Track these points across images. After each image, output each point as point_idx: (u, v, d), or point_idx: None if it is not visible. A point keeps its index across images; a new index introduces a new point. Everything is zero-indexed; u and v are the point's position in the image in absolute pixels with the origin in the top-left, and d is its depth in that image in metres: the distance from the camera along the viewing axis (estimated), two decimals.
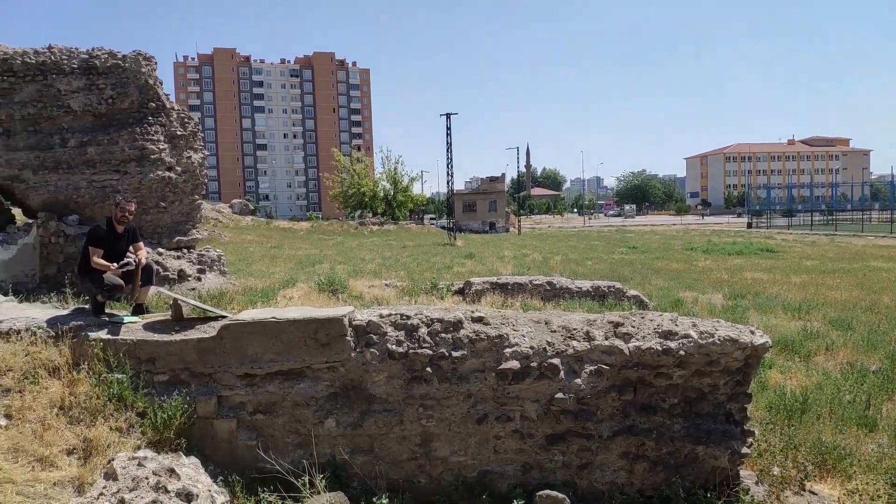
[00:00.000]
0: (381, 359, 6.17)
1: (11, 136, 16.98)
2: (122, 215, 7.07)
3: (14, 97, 17.00)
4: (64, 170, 17.31)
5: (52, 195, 17.31)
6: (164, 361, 6.14)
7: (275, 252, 31.62)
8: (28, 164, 17.01)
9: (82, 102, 17.53)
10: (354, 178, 70.23)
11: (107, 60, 17.92)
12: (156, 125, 18.49)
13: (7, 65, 16.98)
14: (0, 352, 5.98)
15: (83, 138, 17.58)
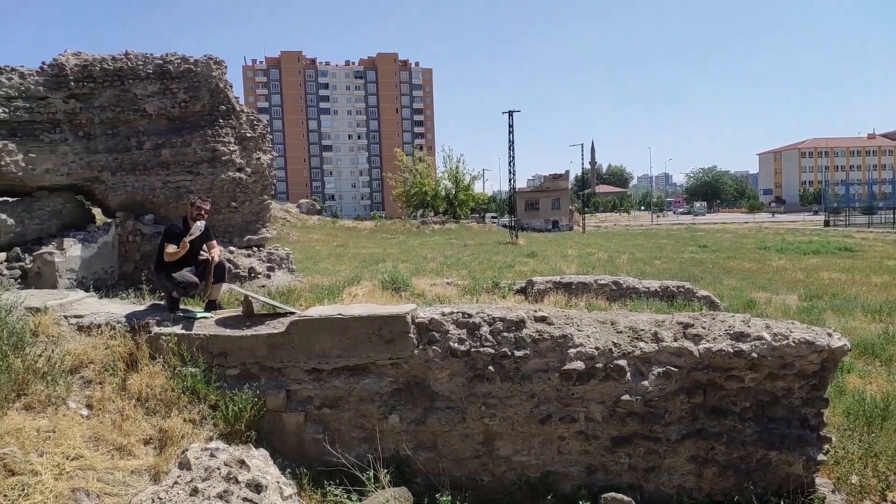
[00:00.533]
0: (444, 356, 6.20)
1: (91, 139, 17.86)
2: (197, 213, 7.33)
3: (94, 102, 17.87)
4: (140, 171, 18.09)
5: (130, 195, 18.12)
6: (235, 356, 6.36)
7: (340, 251, 32.22)
8: (107, 165, 17.85)
9: (157, 106, 18.27)
10: (416, 177, 70.75)
11: (179, 65, 18.62)
12: (226, 127, 19.10)
13: (87, 71, 17.86)
14: (82, 345, 6.30)
15: (158, 141, 18.33)
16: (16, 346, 5.57)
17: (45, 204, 16.99)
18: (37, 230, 16.42)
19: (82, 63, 17.92)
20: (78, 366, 6.03)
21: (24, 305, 6.51)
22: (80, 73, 17.76)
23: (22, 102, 16.90)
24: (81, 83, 17.75)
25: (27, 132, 16.96)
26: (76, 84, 17.64)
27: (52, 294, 8.14)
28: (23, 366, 5.38)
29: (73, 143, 17.46)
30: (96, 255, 16.50)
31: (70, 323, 6.66)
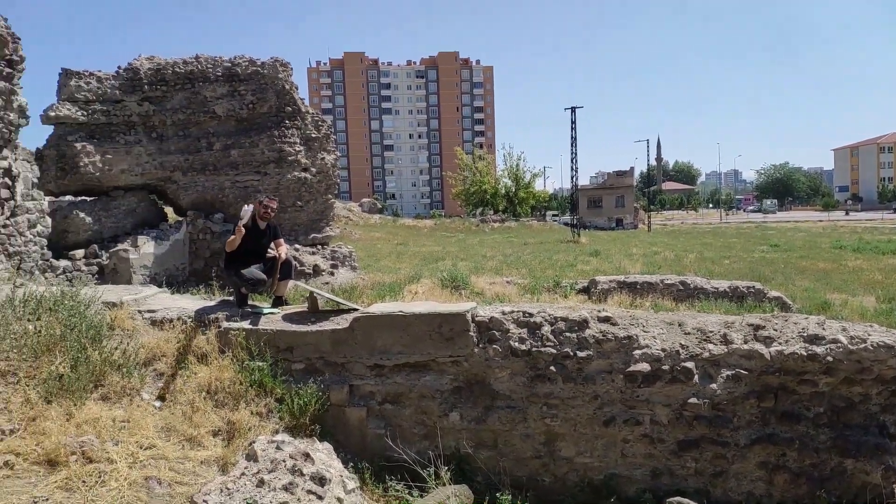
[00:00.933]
0: (504, 355, 6.19)
1: (164, 140, 18.57)
2: (264, 211, 7.53)
3: (166, 104, 18.58)
4: (210, 171, 18.71)
5: (200, 195, 18.77)
6: (300, 351, 6.51)
7: (400, 249, 32.54)
8: (178, 166, 18.54)
9: (226, 108, 18.86)
10: (476, 175, 70.71)
11: (247, 67, 19.16)
12: (292, 128, 19.55)
13: (160, 74, 18.58)
14: (155, 339, 6.57)
15: (227, 142, 18.92)
16: (94, 339, 5.84)
17: (121, 203, 17.76)
18: (113, 228, 17.19)
19: (155, 67, 18.64)
20: (151, 358, 6.28)
21: (101, 300, 6.82)
22: (154, 77, 18.48)
23: (99, 106, 17.71)
24: (154, 86, 18.47)
25: (104, 134, 17.77)
26: (150, 87, 18.37)
27: (128, 289, 8.51)
28: (100, 358, 5.64)
29: (146, 144, 18.20)
30: (168, 253, 17.15)
31: (144, 317, 6.95)
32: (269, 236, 7.67)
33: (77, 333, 5.72)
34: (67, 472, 4.35)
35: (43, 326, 5.71)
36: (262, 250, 7.60)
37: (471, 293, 13.74)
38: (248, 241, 7.32)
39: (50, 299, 6.19)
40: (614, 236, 48.26)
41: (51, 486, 4.18)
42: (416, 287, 14.37)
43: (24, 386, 5.08)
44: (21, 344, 5.48)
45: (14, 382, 5.14)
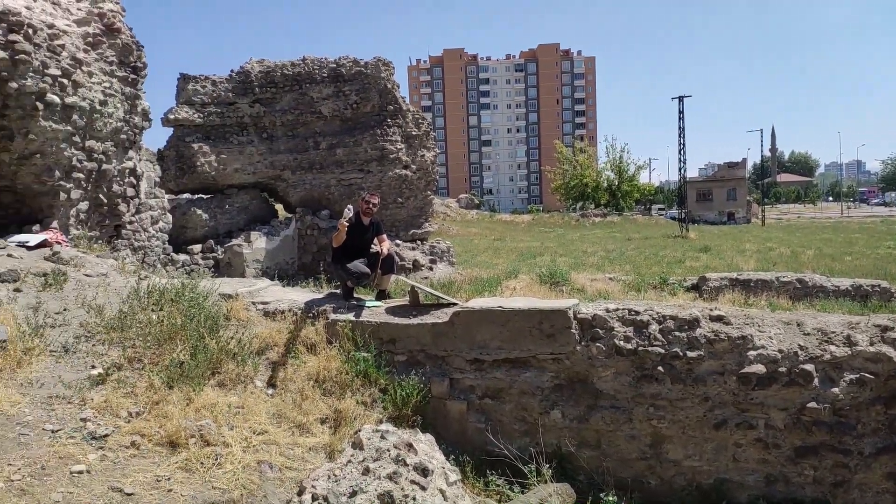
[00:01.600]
0: (608, 354, 6.06)
1: (274, 140, 19.44)
2: (367, 207, 7.74)
3: (275, 106, 19.43)
4: (317, 170, 19.42)
5: (308, 192, 19.53)
6: (402, 343, 6.64)
7: (498, 244, 32.50)
8: (287, 165, 19.36)
9: (331, 108, 19.50)
10: (577, 168, 69.44)
11: (351, 68, 19.72)
12: (394, 126, 19.96)
13: (269, 77, 19.44)
14: (268, 329, 6.88)
15: (332, 141, 19.58)
16: (211, 329, 6.20)
17: (235, 200, 18.75)
18: (227, 224, 18.18)
19: (265, 70, 19.52)
20: (264, 348, 6.59)
21: (218, 292, 7.23)
22: (264, 79, 19.37)
23: (214, 108, 18.77)
24: (265, 88, 19.36)
25: (218, 135, 18.81)
26: (260, 90, 19.27)
27: (242, 282, 8.96)
28: (217, 347, 5.97)
29: (258, 144, 19.12)
30: (279, 247, 17.95)
31: (257, 308, 7.30)
32: (373, 232, 7.87)
33: (196, 323, 6.08)
34: (187, 453, 4.63)
35: (165, 316, 6.11)
36: (366, 245, 7.81)
37: (571, 290, 13.54)
38: (352, 236, 7.56)
39: (171, 291, 6.61)
40: (725, 231, 46.15)
41: (172, 466, 4.47)
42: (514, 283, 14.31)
43: (149, 372, 5.45)
44: (146, 332, 5.89)
45: (140, 368, 5.53)
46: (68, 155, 9.63)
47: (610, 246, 30.19)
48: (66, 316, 6.02)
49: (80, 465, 4.19)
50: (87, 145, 10.04)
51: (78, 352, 5.56)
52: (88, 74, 10.01)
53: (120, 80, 10.83)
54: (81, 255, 7.97)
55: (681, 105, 46.56)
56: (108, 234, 10.92)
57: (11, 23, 8.66)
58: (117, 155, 10.83)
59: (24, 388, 4.87)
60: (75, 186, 9.85)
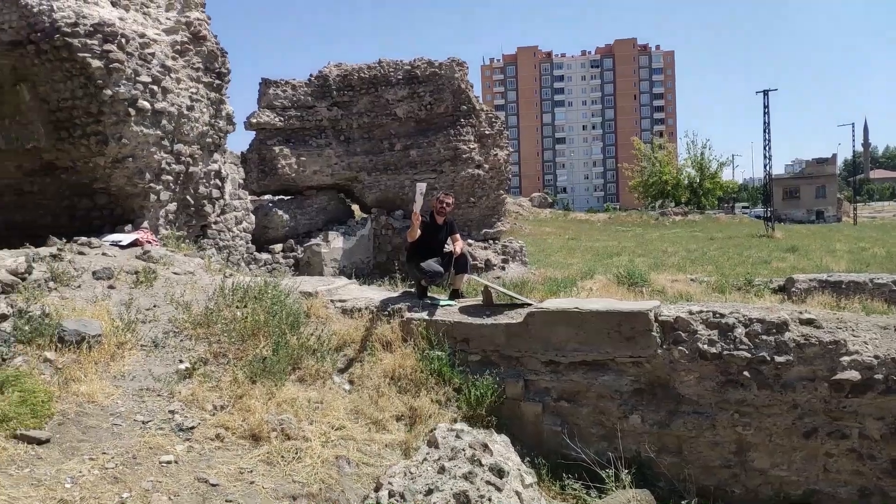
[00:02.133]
0: (691, 358, 5.87)
1: (351, 142, 19.82)
2: (441, 207, 7.78)
3: (352, 108, 19.80)
4: (391, 171, 19.69)
5: (383, 193, 19.82)
6: (476, 342, 6.63)
7: (572, 244, 32.07)
8: (363, 166, 19.70)
9: (405, 110, 19.72)
10: (656, 166, 67.60)
11: (425, 70, 19.87)
12: (467, 126, 20.00)
13: (347, 80, 19.83)
14: (345, 326, 7.02)
15: (406, 142, 19.79)
16: (292, 326, 6.37)
17: (313, 202, 19.24)
18: (306, 224, 18.66)
19: (343, 73, 19.94)
20: (342, 345, 6.72)
21: (298, 290, 7.42)
22: (341, 83, 19.78)
23: (294, 112, 19.30)
24: (342, 92, 19.76)
25: (298, 138, 19.33)
26: (338, 93, 19.69)
27: (321, 280, 9.17)
28: (298, 343, 6.14)
29: (335, 146, 19.54)
30: (355, 247, 18.30)
31: (336, 306, 7.45)
32: (446, 231, 7.90)
33: (278, 320, 6.26)
34: (269, 446, 4.77)
35: (249, 313, 6.32)
36: (440, 245, 7.84)
37: (650, 291, 13.22)
38: (426, 235, 7.61)
39: (255, 289, 6.83)
40: (814, 230, 44.00)
41: (254, 459, 4.61)
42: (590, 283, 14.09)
43: (233, 366, 5.65)
44: (230, 328, 6.11)
45: (224, 363, 5.74)
46: (158, 158, 10.10)
47: (691, 245, 29.28)
48: (155, 312, 6.32)
49: (168, 456, 4.38)
50: (176, 149, 10.51)
51: (167, 346, 5.82)
52: (176, 81, 10.48)
53: (205, 85, 11.28)
54: (170, 253, 8.34)
55: (766, 99, 44.72)
56: (195, 234, 11.39)
57: (106, 33, 9.16)
58: (203, 158, 11.28)
59: (117, 381, 5.14)
60: (164, 188, 10.32)
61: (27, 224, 10.30)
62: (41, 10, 9.04)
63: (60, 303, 5.88)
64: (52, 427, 4.37)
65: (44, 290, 6.05)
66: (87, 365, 5.12)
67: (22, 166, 10.15)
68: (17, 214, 10.44)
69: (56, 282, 6.31)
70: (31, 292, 5.83)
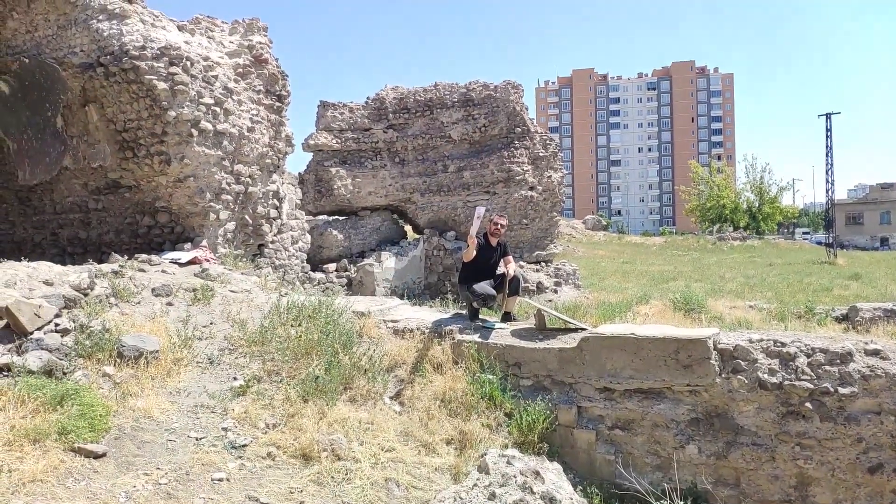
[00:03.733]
0: (750, 388, 5.66)
1: (405, 164, 20.02)
2: (494, 228, 7.77)
3: (407, 131, 20.03)
4: (445, 192, 19.77)
5: (435, 214, 19.91)
6: (528, 367, 6.54)
7: (626, 267, 31.51)
8: (417, 188, 19.85)
9: (460, 132, 19.83)
10: (713, 189, 66.22)
11: (481, 92, 19.98)
12: (521, 148, 19.98)
13: (403, 103, 20.09)
14: (397, 347, 7.01)
15: (460, 164, 19.87)
16: (345, 345, 6.40)
17: (367, 222, 19.45)
18: (360, 245, 18.86)
19: (399, 96, 20.22)
20: (393, 365, 6.72)
21: (351, 309, 7.47)
22: (397, 105, 20.05)
23: (350, 133, 19.64)
24: (398, 114, 20.02)
25: (354, 160, 19.64)
26: (394, 115, 19.96)
27: (374, 300, 9.23)
28: (350, 363, 6.15)
29: (390, 168, 19.77)
30: (407, 267, 18.38)
31: (387, 326, 7.47)
32: (499, 253, 7.87)
33: (331, 339, 6.31)
34: (319, 467, 4.77)
35: (303, 332, 6.38)
36: (493, 267, 7.81)
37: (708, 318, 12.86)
38: (479, 257, 7.59)
39: (309, 308, 6.91)
40: (878, 257, 42.15)
41: (304, 479, 4.61)
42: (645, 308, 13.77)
43: (286, 385, 5.69)
44: (284, 347, 6.17)
45: (277, 381, 5.79)
46: (218, 178, 10.38)
47: (750, 271, 28.43)
48: (212, 329, 6.44)
49: (220, 473, 4.42)
50: (236, 169, 10.79)
51: (222, 363, 5.91)
52: (238, 103, 10.79)
53: (266, 107, 11.58)
54: (227, 272, 8.52)
55: (828, 122, 43.30)
56: (252, 253, 11.64)
57: (172, 56, 9.51)
58: (262, 178, 11.56)
59: (172, 397, 5.24)
60: (224, 207, 10.59)
61: (91, 240, 10.72)
62: (111, 34, 9.45)
63: (120, 318, 6.05)
64: (108, 441, 4.46)
65: (105, 305, 6.23)
66: (144, 380, 5.24)
67: (88, 184, 10.57)
68: (82, 231, 10.86)
69: (117, 297, 6.50)
70: (92, 307, 6.00)
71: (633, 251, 45.44)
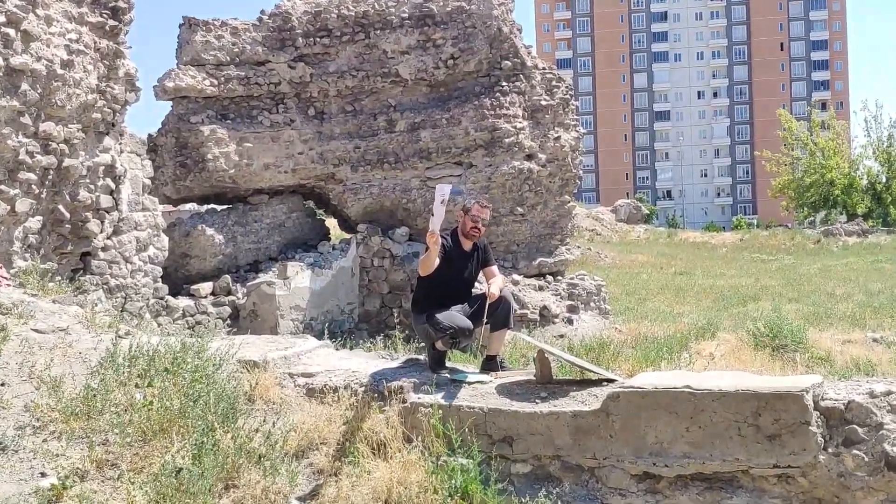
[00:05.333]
0: (874, 468, 5.78)
1: (325, 120, 19.88)
2: (472, 226, 7.74)
3: (328, 66, 19.93)
4: (390, 164, 19.67)
5: (375, 200, 19.81)
6: (524, 443, 6.57)
7: (681, 281, 31.89)
8: (345, 157, 19.73)
9: (414, 67, 19.82)
10: (816, 156, 67.29)
11: (446, 4, 19.95)
12: (511, 94, 20.02)
13: (319, 21, 19.97)
14: (312, 417, 6.98)
15: (414, 119, 19.83)
16: (225, 417, 6.33)
17: (264, 214, 19.26)
18: (252, 251, 18.68)
19: (313, 11, 20.10)
20: (306, 447, 6.68)
21: (237, 358, 7.40)
22: (311, 26, 19.93)
23: (234, 71, 19.44)
24: (312, 39, 19.88)
25: (241, 112, 19.44)
26: (305, 41, 19.83)
27: (274, 341, 9.14)
28: (234, 445, 6.09)
29: (300, 125, 19.63)
30: (330, 287, 18.28)
31: (297, 384, 7.43)
32: (477, 262, 7.87)
33: (202, 407, 6.25)
34: None
35: (155, 396, 6.31)
36: (467, 283, 7.82)
37: (809, 359, 13.09)
38: (445, 268, 7.55)
39: (166, 356, 6.83)
40: None
41: None
42: (709, 346, 13.98)
43: (128, 483, 5.61)
44: (124, 421, 6.08)
45: (114, 478, 5.71)
46: (13, 144, 10.18)
47: (874, 284, 28.99)
48: (3, 394, 6.32)
49: None
50: (42, 129, 10.60)
51: (20, 450, 5.80)
52: (46, 21, 10.60)
53: (93, 28, 11.41)
54: (30, 298, 8.37)
55: None
56: (72, 267, 11.48)
57: None
58: (87, 144, 11.40)
59: None
60: (23, 193, 10.41)
61: None
62: None
63: None
64: None
65: None
66: None
67: None
68: None
69: None
70: None
71: (692, 254, 46.00)
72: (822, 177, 65.71)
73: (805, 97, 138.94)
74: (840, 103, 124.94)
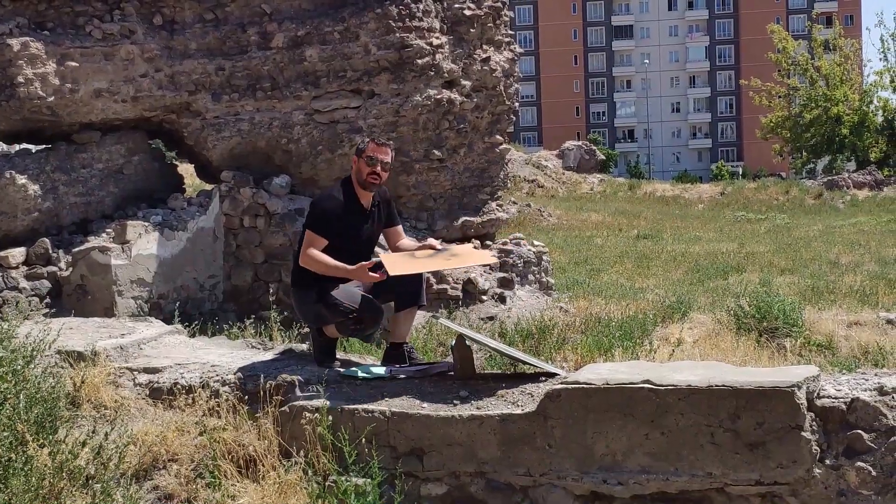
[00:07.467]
0: (883, 485, 5.95)
1: (177, 32, 19.61)
2: (370, 171, 7.70)
3: None
4: (265, 92, 19.52)
5: (246, 139, 19.66)
6: (438, 457, 6.63)
7: (645, 247, 32.30)
8: (204, 82, 19.52)
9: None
10: (817, 84, 68.26)
11: None
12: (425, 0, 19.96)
13: None
14: (158, 426, 6.95)
15: (297, 31, 19.69)
16: (41, 426, 6.27)
17: (95, 156, 18.98)
18: (79, 205, 18.40)
19: None
20: (150, 466, 6.67)
21: (56, 348, 7.32)
22: None
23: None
24: None
25: (63, 21, 19.12)
26: None
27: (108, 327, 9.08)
28: (52, 463, 6.03)
29: (143, 38, 19.35)
30: (185, 254, 18.12)
31: (137, 382, 7.40)
32: (377, 219, 7.88)
33: (9, 413, 6.17)
34: None
35: None
36: (367, 248, 7.83)
37: (803, 345, 13.38)
38: (337, 229, 7.53)
39: None
40: None
41: None
42: (679, 329, 14.19)
43: None
44: None
45: None
46: None
47: (889, 251, 29.66)
48: None
49: None
50: None
51: None
52: None
53: None
54: None
55: None
56: None
57: None
58: None
59: None
60: None
61: None
62: None
63: None
64: None
65: None
66: None
67: None
68: None
69: None
70: None
71: (659, 213, 46.53)
72: (826, 112, 66.59)
73: (805, 8, 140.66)
74: (850, 17, 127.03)
